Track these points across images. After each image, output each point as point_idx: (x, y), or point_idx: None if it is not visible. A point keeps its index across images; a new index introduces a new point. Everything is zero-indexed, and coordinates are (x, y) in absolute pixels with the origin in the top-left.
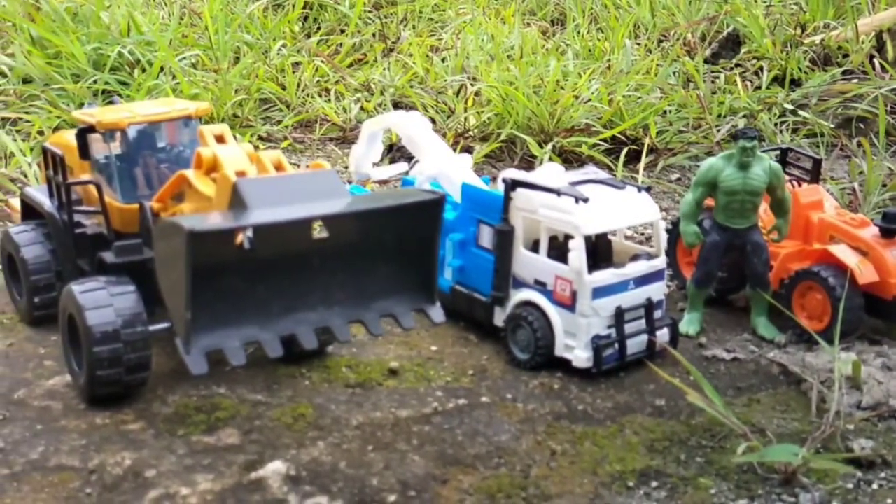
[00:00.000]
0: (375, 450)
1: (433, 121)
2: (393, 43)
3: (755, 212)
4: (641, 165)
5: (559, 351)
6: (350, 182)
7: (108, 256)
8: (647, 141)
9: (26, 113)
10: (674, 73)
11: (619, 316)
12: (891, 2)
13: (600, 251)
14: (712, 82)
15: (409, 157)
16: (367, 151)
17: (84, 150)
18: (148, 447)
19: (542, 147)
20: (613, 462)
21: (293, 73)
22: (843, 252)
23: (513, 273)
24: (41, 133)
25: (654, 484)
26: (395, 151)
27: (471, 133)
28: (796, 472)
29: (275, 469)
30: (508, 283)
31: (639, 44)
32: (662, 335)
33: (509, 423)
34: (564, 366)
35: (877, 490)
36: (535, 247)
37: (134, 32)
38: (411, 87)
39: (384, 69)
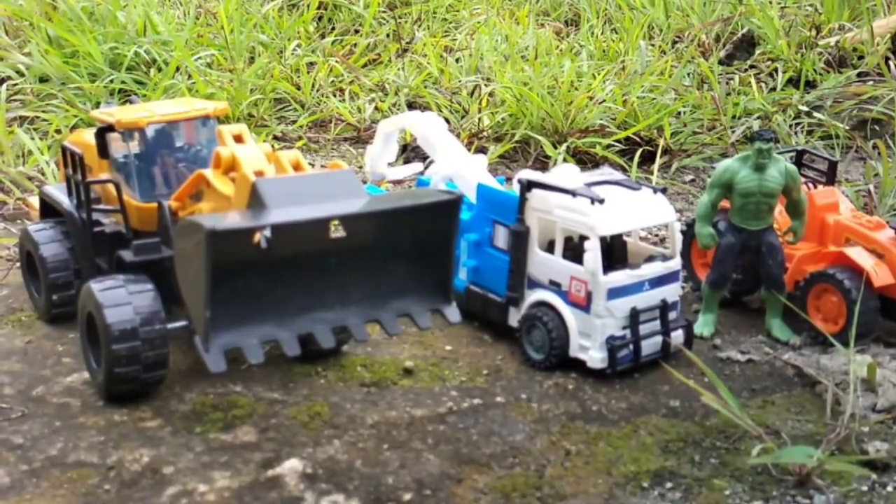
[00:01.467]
0: (391, 448)
1: (447, 121)
2: (407, 43)
3: (770, 213)
4: (656, 167)
5: (574, 351)
6: (365, 182)
7: (127, 255)
8: (661, 142)
9: (43, 112)
10: (688, 74)
11: (634, 317)
12: None
13: (615, 252)
14: (727, 83)
15: (423, 158)
16: (383, 151)
17: (103, 149)
18: (165, 444)
19: (556, 148)
20: (628, 462)
21: (308, 73)
22: (858, 254)
23: (528, 273)
24: (58, 132)
25: (669, 485)
26: (410, 151)
27: (485, 133)
28: (811, 474)
29: (291, 467)
30: (523, 284)
31: (653, 45)
32: (677, 336)
33: (524, 423)
34: (579, 366)
35: (892, 493)
36: (550, 247)
37: (150, 32)
38: (425, 87)
39: (398, 69)
